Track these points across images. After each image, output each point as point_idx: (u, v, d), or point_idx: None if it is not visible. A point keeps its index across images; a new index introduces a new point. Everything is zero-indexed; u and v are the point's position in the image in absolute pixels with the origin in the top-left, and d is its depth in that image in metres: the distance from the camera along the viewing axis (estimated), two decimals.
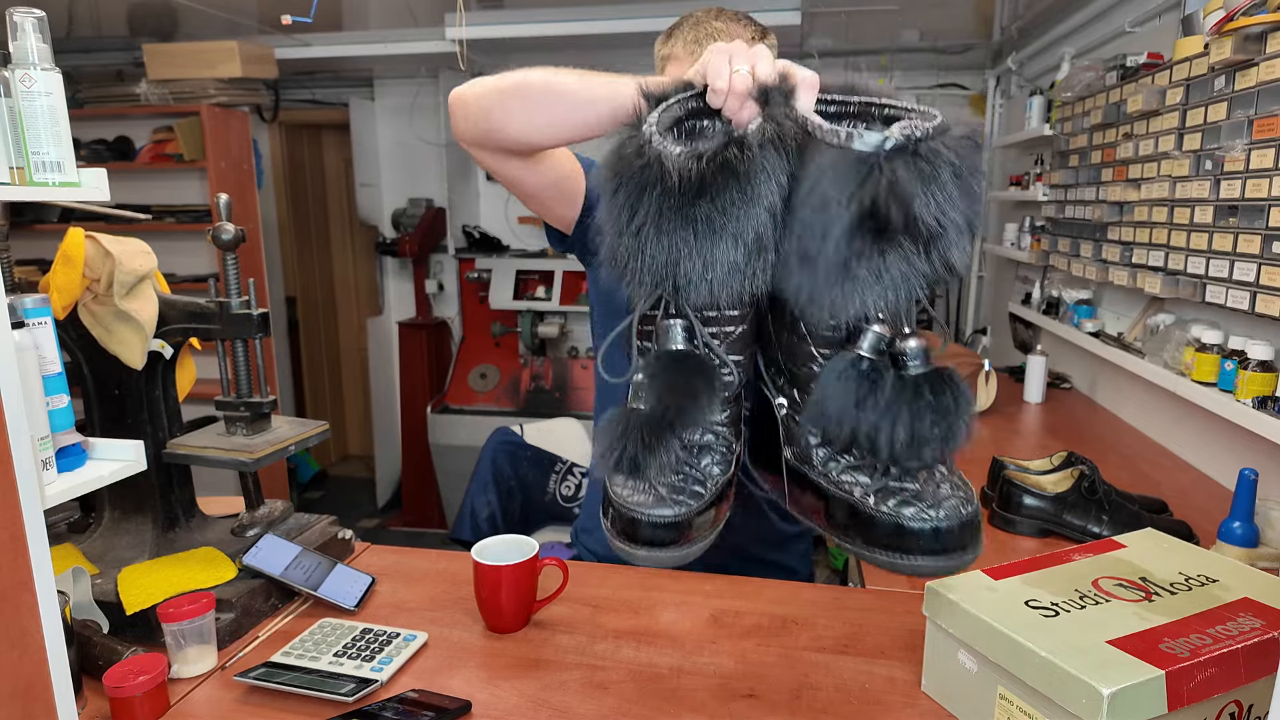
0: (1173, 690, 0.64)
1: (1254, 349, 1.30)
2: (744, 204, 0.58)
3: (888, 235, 0.58)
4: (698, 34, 0.96)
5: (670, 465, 0.66)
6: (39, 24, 0.76)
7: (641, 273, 0.61)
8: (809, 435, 0.69)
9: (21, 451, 0.65)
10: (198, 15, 2.80)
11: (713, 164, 0.58)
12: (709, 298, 0.61)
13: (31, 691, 0.66)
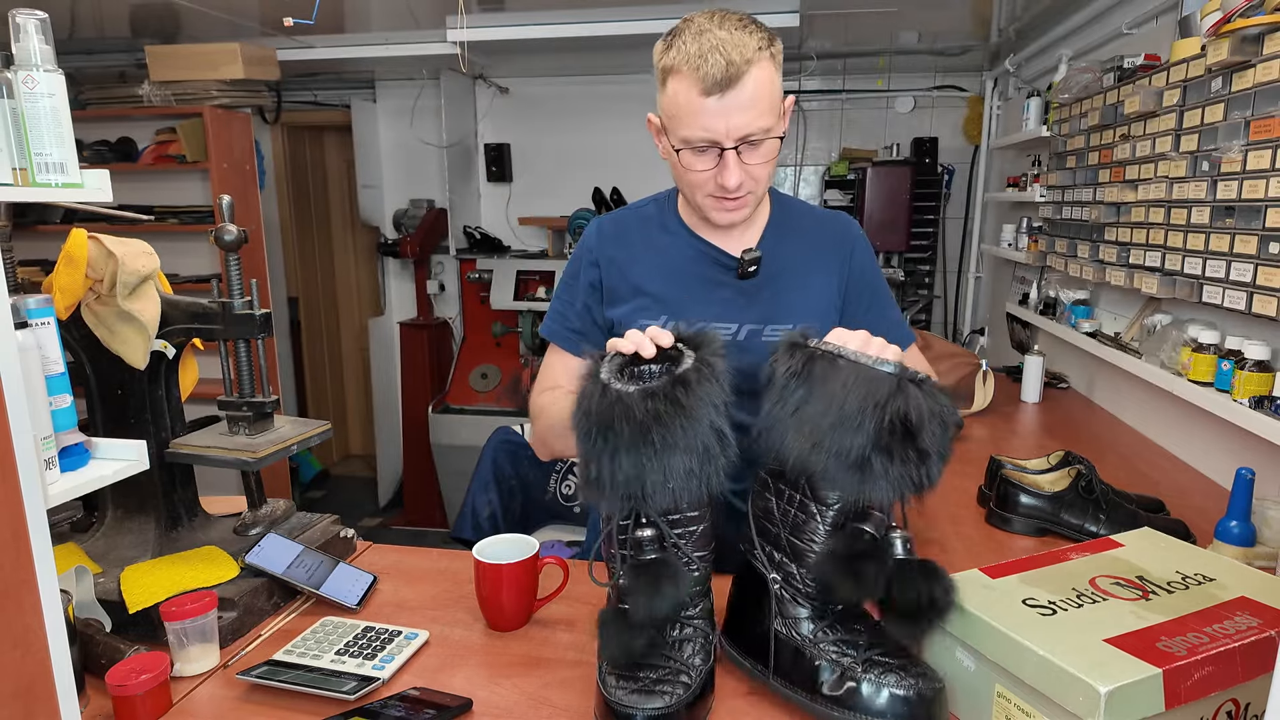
0: (1170, 688, 0.64)
1: (1250, 349, 1.30)
2: (691, 424, 0.73)
3: (903, 441, 0.72)
4: (700, 46, 0.93)
5: (656, 660, 0.78)
6: (41, 25, 0.76)
7: (614, 488, 0.73)
8: (800, 609, 0.81)
9: (24, 451, 0.66)
10: (200, 17, 2.80)
11: (661, 399, 0.74)
12: (672, 501, 0.75)
13: (34, 690, 0.66)
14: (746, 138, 0.94)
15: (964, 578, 0.81)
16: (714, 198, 1.01)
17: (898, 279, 3.46)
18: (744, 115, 0.93)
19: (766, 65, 0.94)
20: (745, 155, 0.96)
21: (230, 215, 1.05)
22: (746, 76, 0.91)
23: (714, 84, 0.91)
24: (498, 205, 3.88)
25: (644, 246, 1.12)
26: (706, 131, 0.94)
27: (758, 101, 0.93)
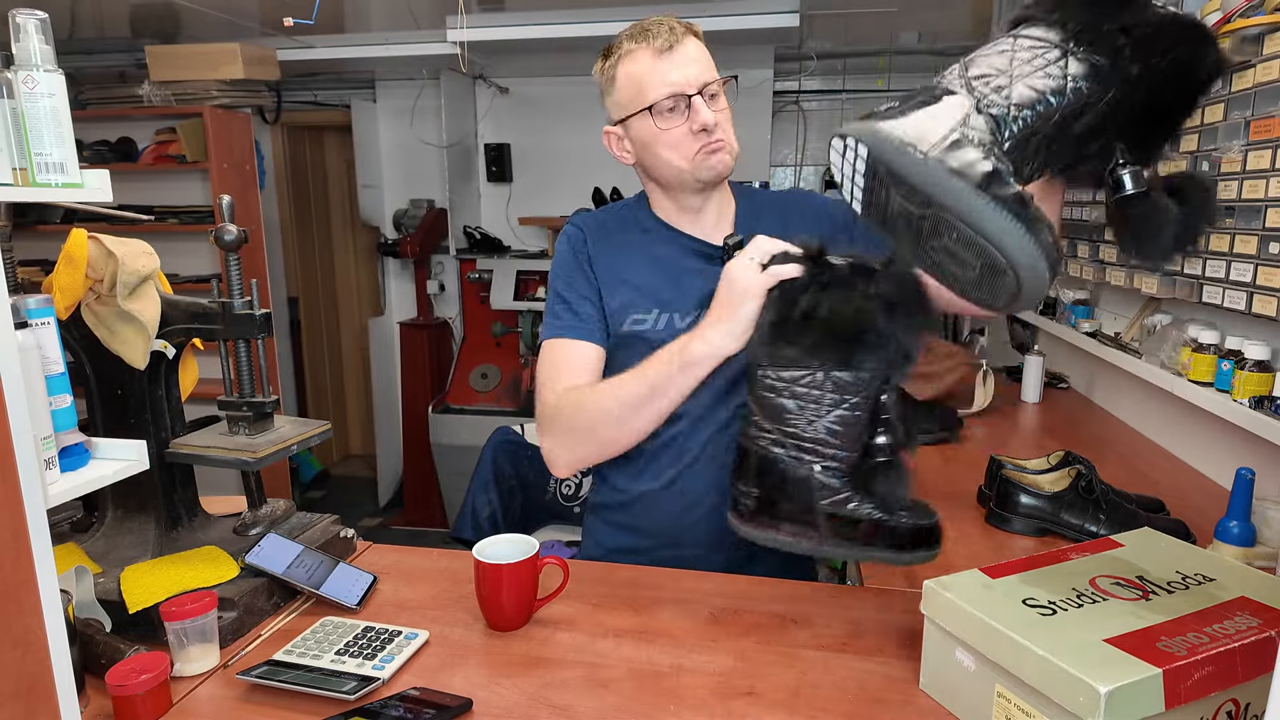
0: (1170, 688, 0.64)
1: (1250, 349, 1.30)
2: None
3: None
4: (641, 27, 1.07)
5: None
6: (41, 25, 0.76)
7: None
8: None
9: (24, 451, 0.65)
10: (200, 17, 2.81)
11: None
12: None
13: (34, 690, 0.66)
14: (705, 86, 1.04)
15: (964, 578, 0.81)
16: (697, 154, 1.06)
17: None
18: (696, 66, 1.05)
19: (696, 39, 1.09)
20: (709, 104, 1.05)
21: (230, 215, 1.05)
22: (686, 40, 1.06)
23: (664, 44, 1.04)
24: (498, 205, 3.88)
25: (625, 243, 1.14)
26: (671, 85, 1.04)
27: (702, 57, 1.07)
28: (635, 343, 1.09)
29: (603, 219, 1.18)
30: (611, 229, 1.16)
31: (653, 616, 0.98)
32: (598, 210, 1.22)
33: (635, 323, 1.10)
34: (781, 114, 3.64)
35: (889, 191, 0.74)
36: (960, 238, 0.69)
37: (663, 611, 0.99)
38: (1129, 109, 0.74)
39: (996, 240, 0.67)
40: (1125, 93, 0.73)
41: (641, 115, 1.05)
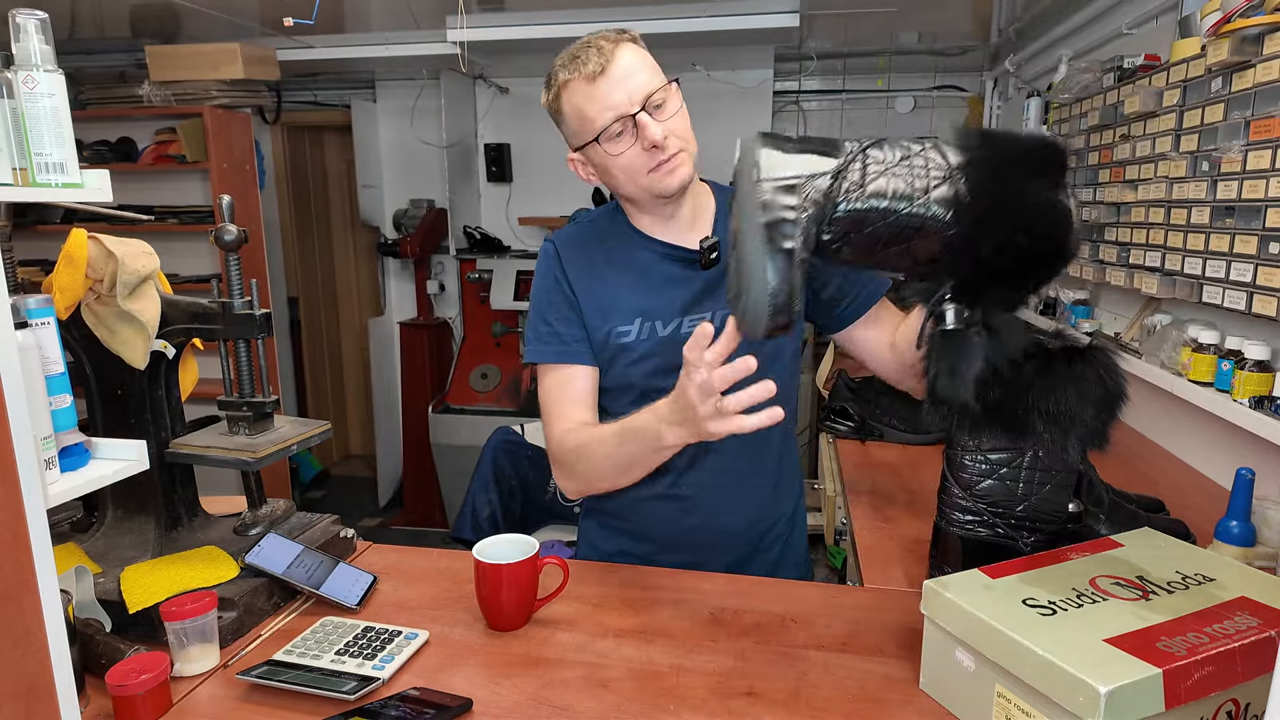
0: (1170, 688, 0.64)
1: (1250, 349, 1.30)
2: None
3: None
4: (570, 57, 1.05)
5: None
6: (41, 25, 0.76)
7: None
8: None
9: (24, 451, 0.66)
10: (200, 17, 2.81)
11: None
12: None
13: (34, 690, 0.66)
14: (648, 99, 1.02)
15: (964, 578, 0.81)
16: (652, 171, 1.04)
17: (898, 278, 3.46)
18: (632, 80, 1.02)
19: (628, 46, 1.05)
20: (656, 116, 1.03)
21: (230, 215, 1.05)
22: (617, 54, 1.03)
23: (595, 69, 1.02)
24: (498, 205, 3.88)
25: (604, 257, 1.14)
26: (612, 109, 1.01)
27: (639, 67, 1.03)
28: (621, 354, 1.10)
29: (578, 234, 1.18)
30: (588, 244, 1.15)
31: (653, 616, 0.98)
32: (574, 225, 1.21)
33: (619, 335, 1.10)
34: (781, 114, 3.64)
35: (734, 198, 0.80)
36: (738, 257, 0.76)
37: (663, 611, 0.99)
38: (971, 254, 0.76)
39: (746, 270, 0.74)
40: (971, 238, 0.75)
41: (592, 144, 1.04)
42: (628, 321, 1.10)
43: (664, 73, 1.07)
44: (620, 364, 1.11)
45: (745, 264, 0.74)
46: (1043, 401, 0.86)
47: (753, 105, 3.49)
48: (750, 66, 3.44)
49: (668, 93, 1.03)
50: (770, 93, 3.50)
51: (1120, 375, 0.87)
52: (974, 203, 0.73)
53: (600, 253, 1.14)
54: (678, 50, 3.20)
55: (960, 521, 0.96)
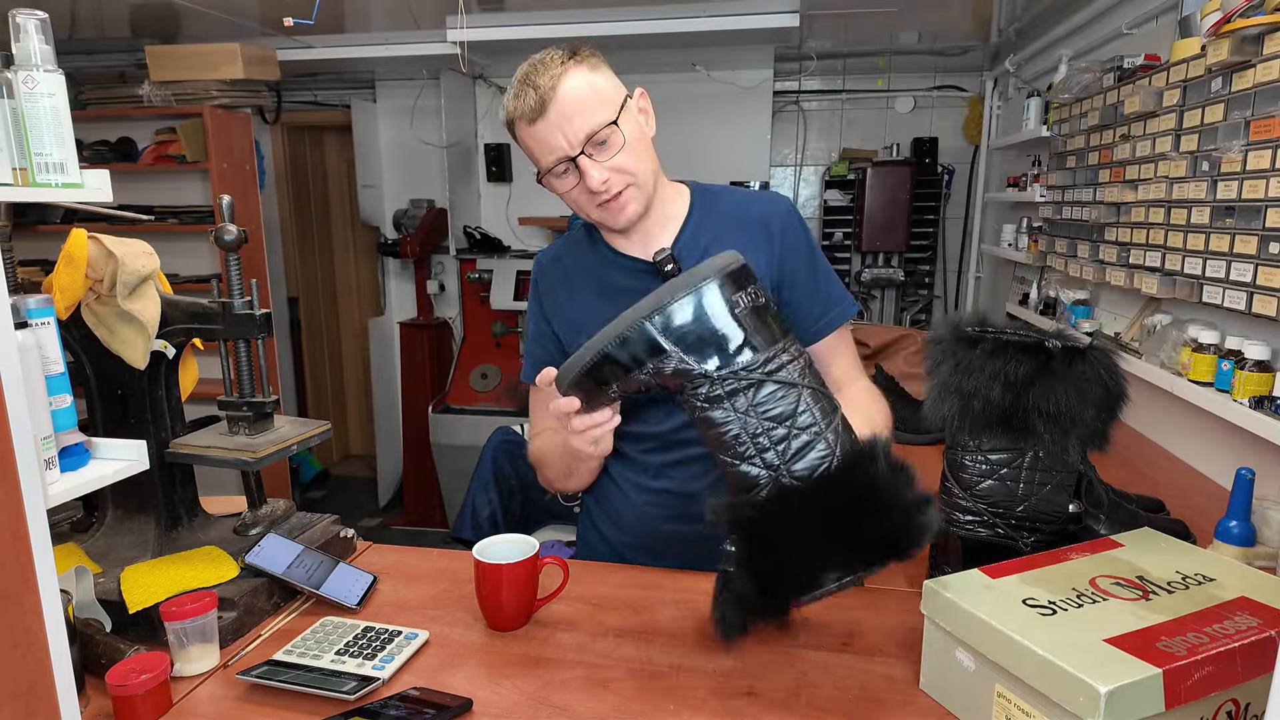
0: (1170, 688, 0.64)
1: (1250, 349, 1.30)
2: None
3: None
4: (513, 93, 1.00)
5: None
6: (42, 25, 0.76)
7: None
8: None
9: (24, 451, 0.65)
10: (200, 17, 2.80)
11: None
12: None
13: (34, 690, 0.66)
14: (589, 138, 0.98)
15: (964, 578, 0.81)
16: (600, 207, 1.03)
17: (897, 279, 3.46)
18: (571, 123, 0.97)
19: (574, 72, 0.98)
20: (599, 155, 1.00)
21: (230, 215, 1.05)
22: (558, 89, 0.97)
23: (532, 110, 0.97)
24: (498, 205, 3.88)
25: (578, 273, 1.15)
26: (552, 152, 0.99)
27: (581, 103, 0.98)
28: None
29: (559, 253, 1.20)
30: (566, 263, 1.18)
31: (653, 616, 0.98)
32: (558, 241, 1.23)
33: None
34: (781, 114, 3.64)
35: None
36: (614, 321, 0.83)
37: (663, 611, 0.99)
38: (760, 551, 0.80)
39: (593, 340, 0.82)
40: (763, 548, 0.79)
41: (545, 176, 1.03)
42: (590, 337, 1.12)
43: (643, 80, 1.05)
44: None
45: (600, 332, 0.81)
46: (1043, 402, 0.86)
47: (753, 105, 3.49)
48: (750, 66, 3.44)
49: (613, 128, 0.99)
50: (770, 93, 3.50)
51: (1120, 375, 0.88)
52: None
53: (574, 271, 1.16)
54: (677, 50, 3.20)
55: (960, 521, 0.96)
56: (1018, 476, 0.93)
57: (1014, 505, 0.93)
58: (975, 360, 0.89)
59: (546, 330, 1.18)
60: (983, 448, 0.93)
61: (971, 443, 0.94)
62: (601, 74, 1.01)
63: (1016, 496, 0.93)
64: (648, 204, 1.06)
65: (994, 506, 0.94)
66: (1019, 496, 0.93)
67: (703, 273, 0.78)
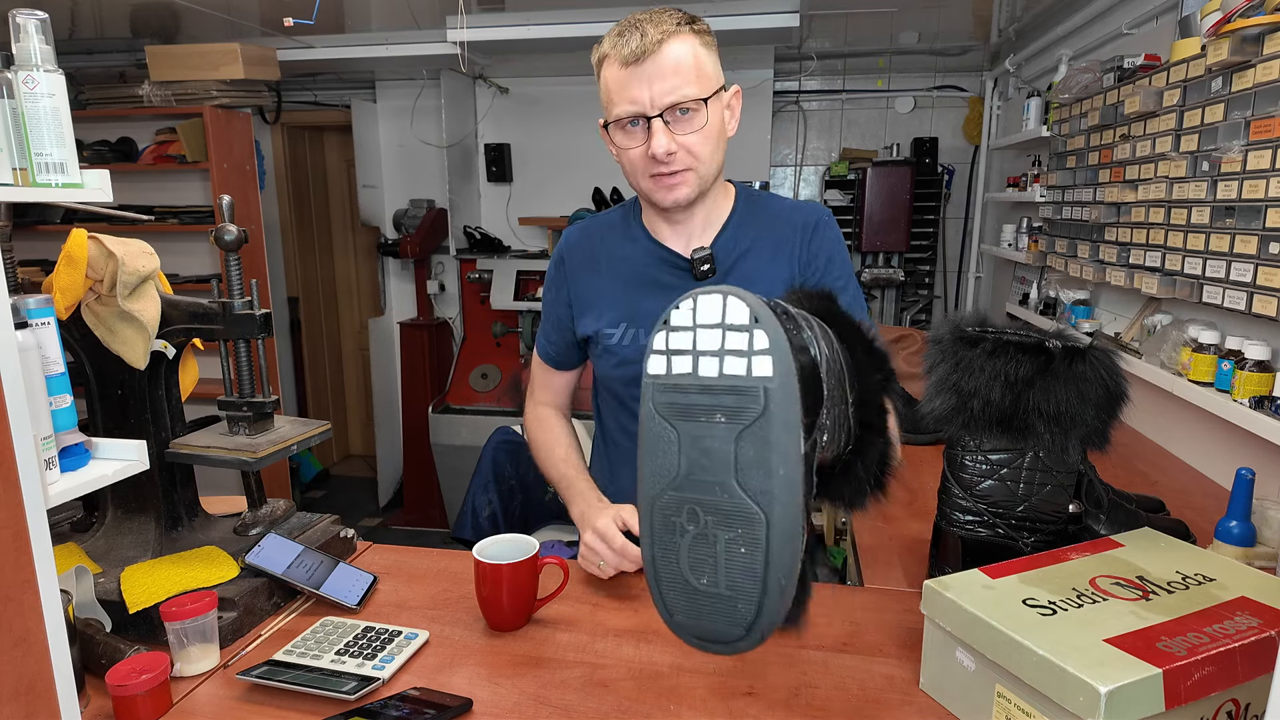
0: (1170, 688, 0.64)
1: (1250, 349, 1.30)
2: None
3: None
4: (622, 29, 0.97)
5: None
6: (42, 25, 0.76)
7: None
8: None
9: (24, 451, 0.65)
10: (200, 17, 2.81)
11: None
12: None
13: (34, 690, 0.66)
14: (673, 106, 0.96)
15: (964, 578, 0.81)
16: (653, 177, 1.01)
17: (898, 279, 3.46)
18: (664, 82, 0.95)
19: (687, 39, 0.96)
20: (675, 126, 0.97)
21: (230, 215, 1.05)
22: (664, 46, 0.94)
23: (631, 54, 0.95)
24: (498, 205, 3.88)
25: (606, 256, 1.14)
26: (632, 104, 0.96)
27: (680, 69, 0.95)
28: (606, 355, 1.14)
29: (590, 231, 1.17)
30: (596, 240, 1.15)
31: (652, 616, 0.98)
32: (590, 219, 1.20)
33: (605, 336, 1.13)
34: (782, 114, 3.65)
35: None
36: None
37: None
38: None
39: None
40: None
41: (611, 125, 1.01)
42: (614, 324, 1.12)
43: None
44: (606, 363, 1.14)
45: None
46: (1043, 402, 0.86)
47: (753, 105, 3.49)
48: (750, 66, 3.44)
49: (700, 105, 0.96)
50: (770, 92, 3.50)
51: (1121, 376, 0.88)
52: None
53: (603, 252, 1.14)
54: None
55: (961, 521, 0.96)
56: (1018, 476, 0.93)
57: (1014, 505, 0.93)
58: (975, 360, 0.89)
59: (566, 315, 1.16)
60: (983, 448, 0.93)
61: (972, 443, 0.94)
62: (711, 52, 1.00)
63: (1017, 496, 0.93)
64: (700, 193, 1.04)
65: (994, 506, 0.94)
66: (1019, 496, 0.93)
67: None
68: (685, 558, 0.58)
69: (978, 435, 0.92)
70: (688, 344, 0.57)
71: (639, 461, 0.59)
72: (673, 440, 0.57)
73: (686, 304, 0.58)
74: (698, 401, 0.56)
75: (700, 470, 0.56)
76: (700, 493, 0.56)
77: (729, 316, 0.55)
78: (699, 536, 0.57)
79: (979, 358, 0.89)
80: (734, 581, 0.56)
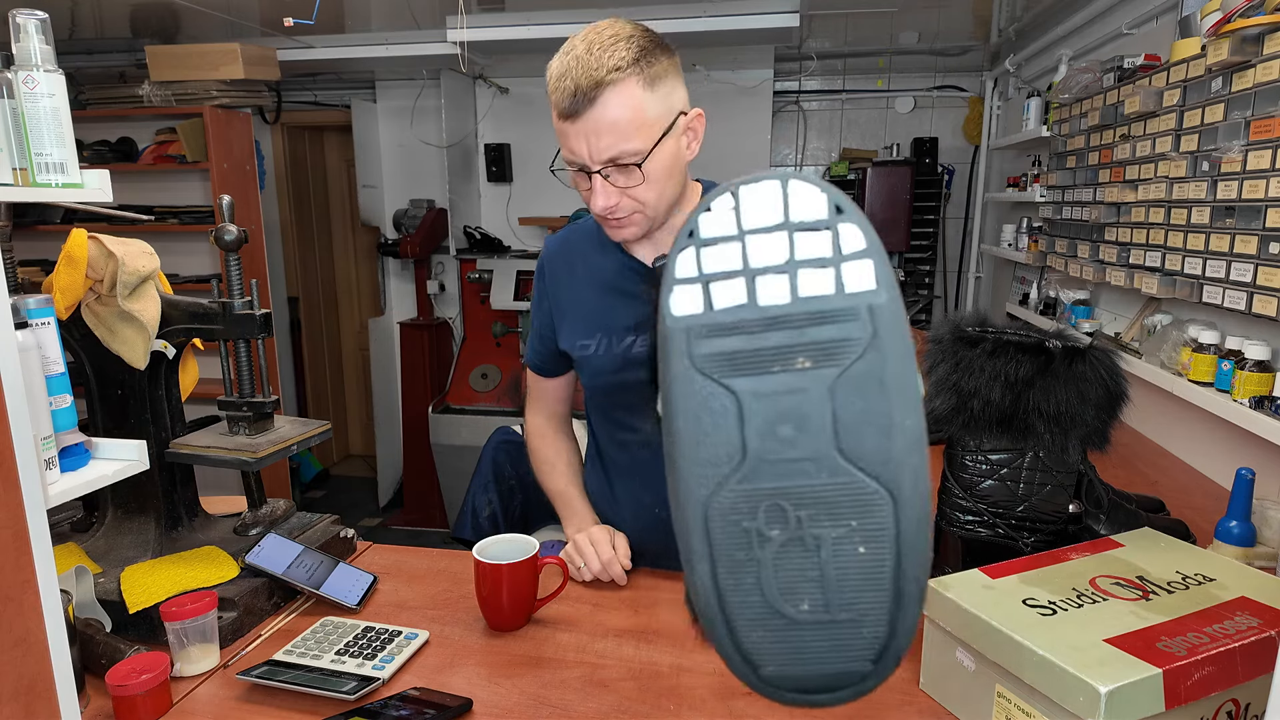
0: (1170, 688, 0.64)
1: (1250, 349, 1.30)
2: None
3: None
4: (560, 66, 0.91)
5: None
6: (42, 25, 0.76)
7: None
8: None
9: (25, 451, 0.65)
10: (200, 17, 2.81)
11: None
12: None
13: (34, 690, 0.66)
14: (612, 161, 0.91)
15: (964, 578, 0.81)
16: (600, 216, 0.99)
17: (898, 279, 3.46)
18: (602, 139, 0.90)
19: (626, 86, 0.88)
20: (616, 179, 0.93)
21: (230, 215, 1.05)
22: (599, 100, 0.88)
23: (566, 110, 0.90)
24: (498, 205, 3.88)
25: (582, 264, 1.14)
26: (572, 154, 0.93)
27: (617, 126, 0.89)
28: (585, 365, 1.14)
29: (569, 241, 1.17)
30: (574, 248, 1.15)
31: (653, 616, 0.98)
32: (570, 227, 1.19)
33: (582, 348, 1.13)
34: (781, 114, 3.65)
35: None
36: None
37: (662, 611, 0.99)
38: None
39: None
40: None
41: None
42: (590, 335, 1.11)
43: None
44: (586, 374, 1.15)
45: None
46: (1043, 402, 0.86)
47: (753, 105, 3.49)
48: (750, 66, 3.44)
49: (637, 159, 0.91)
50: (770, 93, 3.50)
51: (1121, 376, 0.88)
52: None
53: (580, 261, 1.14)
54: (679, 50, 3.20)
55: (961, 522, 0.96)
56: (1018, 476, 0.93)
57: (1014, 505, 0.93)
58: (975, 360, 0.89)
59: (549, 325, 1.17)
60: (983, 448, 0.93)
61: (972, 443, 0.94)
62: (657, 91, 0.91)
63: (1017, 496, 0.93)
64: (651, 229, 1.02)
65: (994, 506, 0.94)
66: (1019, 496, 0.93)
67: None
68: (771, 578, 0.41)
69: (978, 435, 0.92)
70: (734, 261, 0.40)
71: (670, 453, 0.41)
72: (728, 409, 0.39)
73: (723, 202, 0.40)
74: (764, 343, 0.39)
75: (781, 446, 0.39)
76: (785, 478, 0.39)
77: (795, 211, 0.39)
78: (790, 543, 0.40)
79: (979, 358, 0.89)
80: (853, 598, 0.41)
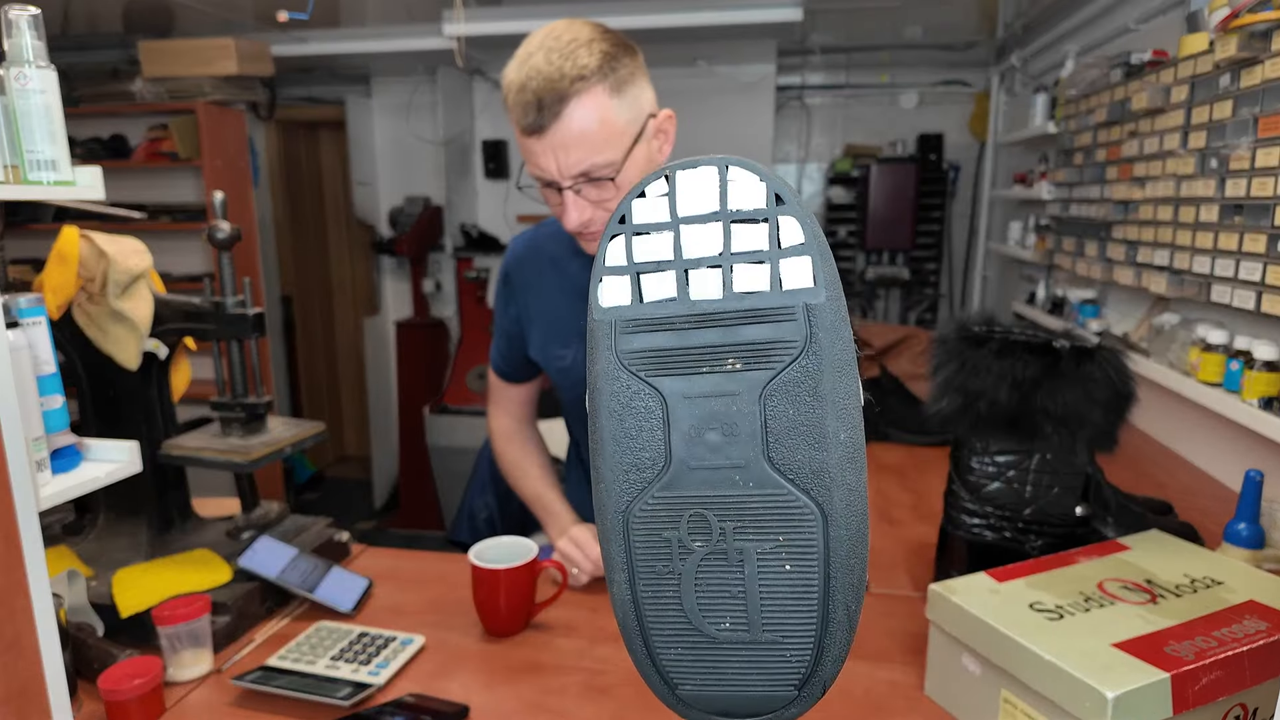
0: (1178, 693, 0.63)
1: (1260, 349, 1.29)
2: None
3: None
4: (520, 76, 0.85)
5: None
6: (34, 21, 0.75)
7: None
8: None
9: (16, 453, 0.65)
10: (193, 12, 2.79)
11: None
12: None
13: (26, 694, 0.65)
14: (584, 175, 0.87)
15: (970, 581, 0.80)
16: (574, 232, 0.94)
17: (903, 277, 3.45)
18: (571, 154, 0.85)
19: (591, 95, 0.84)
20: (588, 191, 0.89)
21: (223, 213, 1.03)
22: (564, 113, 0.83)
23: (529, 126, 0.85)
24: (495, 203, 3.86)
25: (553, 270, 1.11)
26: (539, 170, 0.89)
27: (585, 138, 0.84)
28: (561, 376, 1.12)
29: (536, 243, 1.12)
30: (541, 257, 1.11)
31: None
32: (536, 228, 1.14)
33: (558, 359, 1.11)
34: (785, 109, 3.63)
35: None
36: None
37: None
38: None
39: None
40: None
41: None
42: (565, 345, 1.10)
43: (657, 87, 0.92)
44: (563, 385, 1.14)
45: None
46: (1050, 403, 0.85)
47: (755, 100, 3.48)
48: (753, 61, 3.42)
49: (609, 171, 0.87)
50: (773, 87, 3.49)
51: (1129, 376, 0.87)
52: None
53: (550, 269, 1.11)
54: (680, 44, 3.19)
55: (966, 525, 0.95)
56: (1024, 479, 0.92)
57: (1021, 508, 0.92)
58: (982, 360, 0.88)
59: (517, 331, 1.15)
60: (989, 449, 0.92)
61: (978, 444, 0.93)
62: (625, 96, 0.87)
63: (1023, 499, 0.92)
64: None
65: (1000, 509, 0.93)
66: (1026, 499, 0.92)
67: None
68: (691, 594, 0.38)
69: (984, 437, 0.91)
70: (665, 251, 0.36)
71: (593, 454, 0.37)
72: (654, 411, 0.36)
73: (656, 187, 0.36)
74: (694, 341, 0.36)
75: (707, 452, 0.36)
76: (710, 487, 0.37)
77: (733, 199, 0.35)
78: (713, 556, 0.37)
79: (985, 358, 0.88)
80: (777, 618, 0.39)
